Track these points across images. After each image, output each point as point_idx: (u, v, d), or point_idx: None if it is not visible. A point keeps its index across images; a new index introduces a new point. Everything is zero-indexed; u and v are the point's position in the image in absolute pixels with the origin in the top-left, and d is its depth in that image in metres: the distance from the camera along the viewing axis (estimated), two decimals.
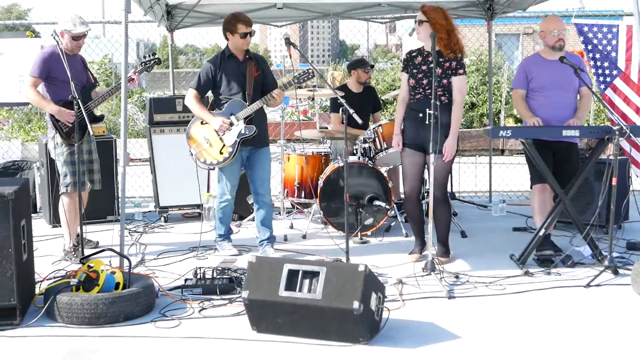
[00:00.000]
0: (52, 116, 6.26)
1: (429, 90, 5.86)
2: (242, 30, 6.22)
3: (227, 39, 6.34)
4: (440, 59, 5.94)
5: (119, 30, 10.52)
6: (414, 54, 6.13)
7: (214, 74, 6.31)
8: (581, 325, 4.68)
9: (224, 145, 6.25)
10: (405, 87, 6.15)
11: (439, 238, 6.17)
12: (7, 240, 4.62)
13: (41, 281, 5.34)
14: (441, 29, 5.88)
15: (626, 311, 4.94)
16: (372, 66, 8.52)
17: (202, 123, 6.35)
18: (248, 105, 6.22)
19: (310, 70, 6.30)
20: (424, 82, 5.96)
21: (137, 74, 6.41)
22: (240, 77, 6.29)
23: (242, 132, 6.21)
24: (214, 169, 6.44)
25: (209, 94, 6.53)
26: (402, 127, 6.17)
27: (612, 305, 5.06)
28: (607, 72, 7.77)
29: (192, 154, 6.40)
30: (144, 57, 6.70)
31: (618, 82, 7.73)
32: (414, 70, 6.05)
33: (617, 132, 5.65)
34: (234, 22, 6.24)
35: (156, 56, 6.66)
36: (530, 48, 23.73)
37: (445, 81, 5.95)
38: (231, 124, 6.21)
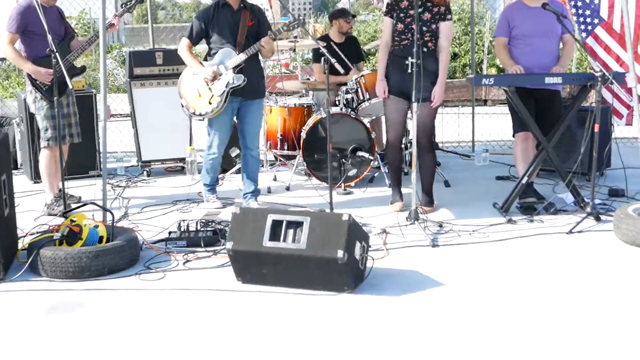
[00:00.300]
0: (29, 75, 6.17)
1: (418, 36, 5.80)
2: None
3: None
4: (429, 3, 5.89)
5: None
6: None
7: (206, 22, 6.17)
8: (564, 271, 4.73)
9: (212, 95, 6.13)
10: (388, 32, 6.05)
11: (424, 187, 6.18)
12: None
13: (24, 236, 5.31)
14: None
15: (608, 257, 4.99)
16: (354, 16, 8.45)
17: (193, 74, 6.24)
18: (237, 55, 6.11)
19: (300, 18, 6.18)
20: (413, 26, 5.82)
21: (117, 17, 6.28)
22: (233, 26, 6.15)
23: (231, 81, 6.09)
24: (203, 119, 6.34)
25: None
26: (385, 73, 6.10)
27: (594, 251, 5.11)
28: (588, 20, 7.72)
29: (182, 105, 6.31)
30: None
31: (599, 30, 7.69)
32: (401, 15, 5.94)
33: (599, 79, 5.65)
34: None
35: None
36: None
37: (434, 26, 5.89)
38: (220, 74, 6.10)
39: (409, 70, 5.69)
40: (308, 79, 8.63)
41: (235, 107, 6.25)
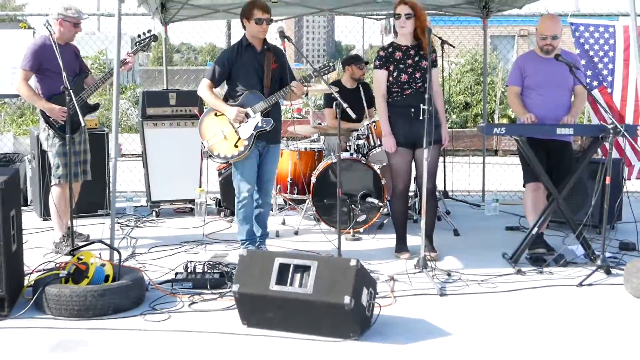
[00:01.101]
0: (43, 112, 6.21)
1: (420, 84, 5.89)
2: (258, 15, 5.91)
3: (244, 27, 6.06)
4: (421, 52, 6.04)
5: (113, 24, 10.45)
6: (390, 50, 6.08)
7: (230, 64, 6.01)
8: (573, 324, 4.66)
9: (239, 138, 5.96)
10: (384, 85, 6.07)
11: (427, 233, 6.13)
12: None
13: (30, 273, 5.29)
14: (423, 27, 5.93)
15: (618, 311, 4.93)
16: (367, 62, 8.49)
17: (215, 115, 6.05)
18: (265, 98, 5.99)
19: (331, 64, 6.10)
20: (417, 75, 5.94)
21: (132, 55, 6.32)
22: (258, 68, 6.01)
23: (259, 124, 5.93)
24: (228, 163, 6.19)
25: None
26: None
27: (604, 304, 5.05)
28: (597, 78, 7.79)
29: (204, 147, 6.11)
30: (138, 35, 6.51)
31: (596, 93, 7.73)
32: (400, 66, 6.01)
33: (611, 131, 5.63)
34: (249, 8, 5.96)
35: (152, 33, 6.49)
36: (526, 49, 23.73)
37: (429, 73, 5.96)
38: (247, 116, 5.97)
39: (420, 117, 5.73)
40: (320, 124, 8.66)
41: (259, 152, 6.09)
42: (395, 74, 6.02)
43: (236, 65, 6.01)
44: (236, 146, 5.97)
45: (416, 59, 6.02)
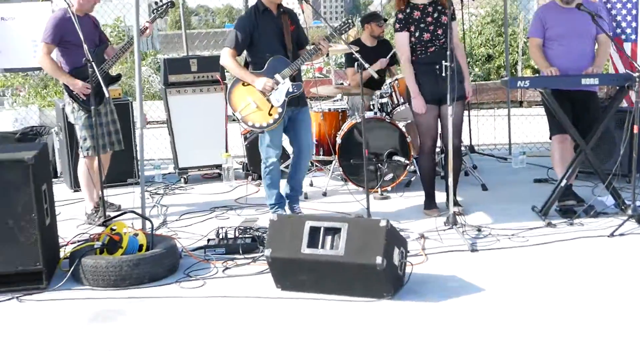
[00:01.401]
0: (66, 86, 6.24)
1: (443, 40, 5.86)
2: None
3: None
4: (439, 7, 6.01)
5: None
6: (408, 10, 6.03)
7: (251, 30, 5.90)
8: (606, 275, 4.67)
9: (272, 106, 5.88)
10: (407, 47, 6.04)
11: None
12: (29, 206, 4.63)
13: (65, 245, 5.38)
14: None
15: None
16: (386, 20, 8.42)
17: (243, 84, 5.96)
18: (291, 62, 5.89)
19: (350, 20, 5.99)
20: (439, 32, 5.93)
21: (150, 23, 6.29)
22: (278, 32, 5.93)
23: (290, 90, 5.86)
24: (263, 132, 6.16)
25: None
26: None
27: (637, 254, 5.03)
28: (621, 25, 7.66)
29: (237, 119, 6.03)
30: (155, 2, 6.48)
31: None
32: (421, 25, 5.98)
33: (637, 79, 5.56)
34: None
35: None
36: None
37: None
38: (277, 83, 5.87)
39: (443, 74, 5.70)
40: (342, 84, 8.62)
41: (287, 117, 6.04)
42: (417, 34, 5.98)
43: (257, 31, 5.92)
44: (270, 114, 5.91)
45: (435, 15, 5.98)
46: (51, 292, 4.69)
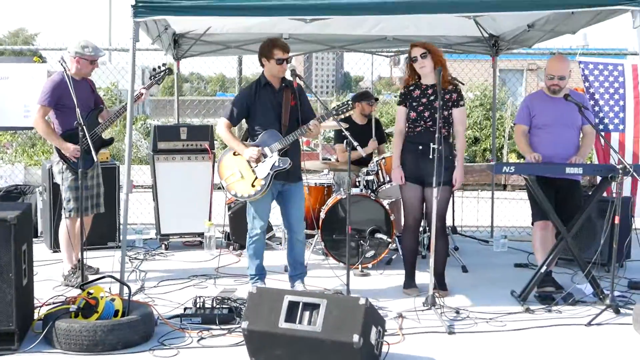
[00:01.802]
0: (57, 148, 6.27)
1: (430, 123, 5.95)
2: (279, 56, 5.92)
3: (262, 65, 6.06)
4: (442, 90, 6.01)
5: (125, 57, 10.52)
6: (411, 87, 6.16)
7: (248, 104, 6.02)
8: None
9: (256, 177, 5.94)
10: (402, 120, 6.17)
11: (436, 271, 6.13)
12: (8, 266, 4.61)
13: (40, 306, 5.32)
14: (441, 63, 5.98)
15: (627, 351, 4.91)
16: (377, 99, 8.54)
17: (234, 154, 6.04)
18: (283, 137, 5.97)
19: (349, 102, 6.02)
20: (426, 114, 6.02)
21: (147, 89, 6.37)
22: (276, 106, 6.01)
23: (276, 164, 5.91)
24: (244, 202, 6.07)
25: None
26: (400, 160, 6.18)
27: (613, 344, 5.03)
28: (608, 115, 7.82)
29: (222, 187, 6.11)
30: (153, 69, 6.55)
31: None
32: (414, 104, 6.09)
33: (620, 171, 5.65)
34: (270, 48, 5.95)
35: (166, 66, 6.55)
36: (535, 84, 23.83)
37: (446, 113, 6.00)
38: (264, 155, 5.95)
39: (430, 156, 5.78)
40: (329, 159, 8.70)
41: (276, 191, 6.08)
42: (409, 112, 6.11)
43: (254, 105, 6.01)
44: (253, 185, 5.96)
45: (431, 98, 6.04)
46: (21, 354, 4.62)
